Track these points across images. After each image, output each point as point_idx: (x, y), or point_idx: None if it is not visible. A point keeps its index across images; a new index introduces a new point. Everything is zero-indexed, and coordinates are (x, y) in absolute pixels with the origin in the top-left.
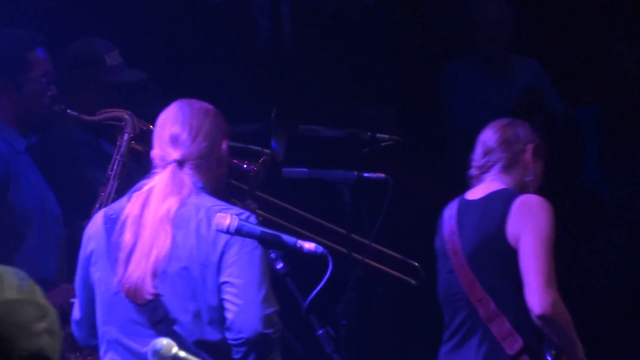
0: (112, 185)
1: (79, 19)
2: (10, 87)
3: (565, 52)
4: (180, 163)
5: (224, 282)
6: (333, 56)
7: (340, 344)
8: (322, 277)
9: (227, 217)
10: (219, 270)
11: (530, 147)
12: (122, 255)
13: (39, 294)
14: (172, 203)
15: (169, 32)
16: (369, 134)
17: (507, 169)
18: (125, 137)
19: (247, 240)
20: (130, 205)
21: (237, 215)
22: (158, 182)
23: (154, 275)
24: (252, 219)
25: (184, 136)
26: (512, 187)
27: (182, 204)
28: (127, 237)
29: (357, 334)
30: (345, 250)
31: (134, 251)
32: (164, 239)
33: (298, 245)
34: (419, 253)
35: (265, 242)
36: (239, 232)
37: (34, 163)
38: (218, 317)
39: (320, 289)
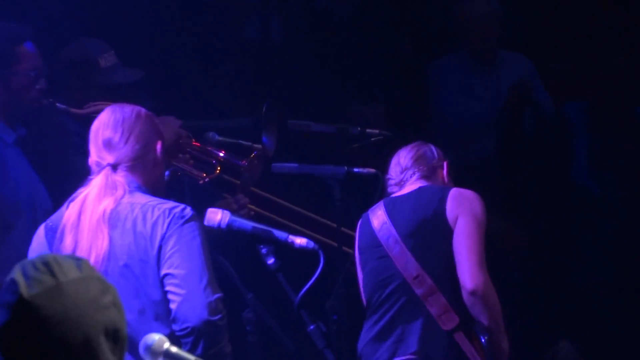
0: None
1: (69, 13)
2: None
3: (554, 46)
4: (114, 166)
5: (166, 275)
6: (322, 51)
7: (332, 339)
8: (314, 272)
9: (219, 213)
10: (158, 263)
11: (445, 163)
12: None
13: (95, 270)
14: (107, 204)
15: (159, 27)
16: (359, 129)
17: (426, 178)
18: None
19: (185, 230)
20: (67, 212)
21: (172, 208)
22: (92, 187)
23: None
24: (188, 210)
25: (117, 139)
26: None
27: (117, 204)
28: (67, 243)
29: (348, 329)
30: (335, 245)
31: None
32: (102, 240)
33: (289, 240)
34: None
35: (257, 238)
36: (230, 227)
37: (24, 155)
38: (163, 311)
39: (312, 284)
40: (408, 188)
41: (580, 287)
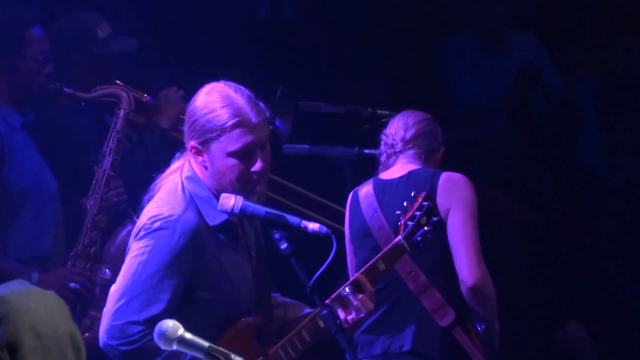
0: (107, 160)
1: None
2: (6, 65)
3: (564, 27)
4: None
5: None
6: (333, 31)
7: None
8: (326, 257)
9: (232, 198)
10: None
11: (443, 149)
12: None
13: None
14: None
15: (169, 9)
16: (370, 109)
17: (419, 158)
18: (121, 113)
19: (138, 244)
20: None
21: (149, 218)
22: None
23: None
24: (158, 223)
25: None
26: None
27: None
28: None
29: None
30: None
31: None
32: None
33: (302, 225)
34: None
35: (270, 223)
36: (243, 212)
37: (31, 139)
38: None
39: (325, 268)
40: (398, 168)
41: (589, 268)
